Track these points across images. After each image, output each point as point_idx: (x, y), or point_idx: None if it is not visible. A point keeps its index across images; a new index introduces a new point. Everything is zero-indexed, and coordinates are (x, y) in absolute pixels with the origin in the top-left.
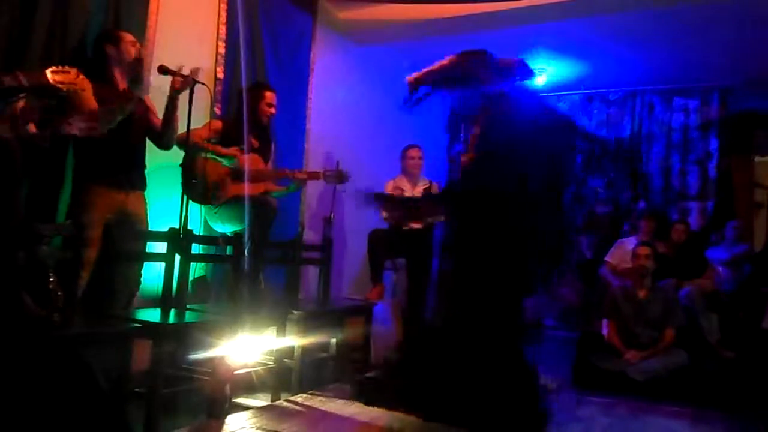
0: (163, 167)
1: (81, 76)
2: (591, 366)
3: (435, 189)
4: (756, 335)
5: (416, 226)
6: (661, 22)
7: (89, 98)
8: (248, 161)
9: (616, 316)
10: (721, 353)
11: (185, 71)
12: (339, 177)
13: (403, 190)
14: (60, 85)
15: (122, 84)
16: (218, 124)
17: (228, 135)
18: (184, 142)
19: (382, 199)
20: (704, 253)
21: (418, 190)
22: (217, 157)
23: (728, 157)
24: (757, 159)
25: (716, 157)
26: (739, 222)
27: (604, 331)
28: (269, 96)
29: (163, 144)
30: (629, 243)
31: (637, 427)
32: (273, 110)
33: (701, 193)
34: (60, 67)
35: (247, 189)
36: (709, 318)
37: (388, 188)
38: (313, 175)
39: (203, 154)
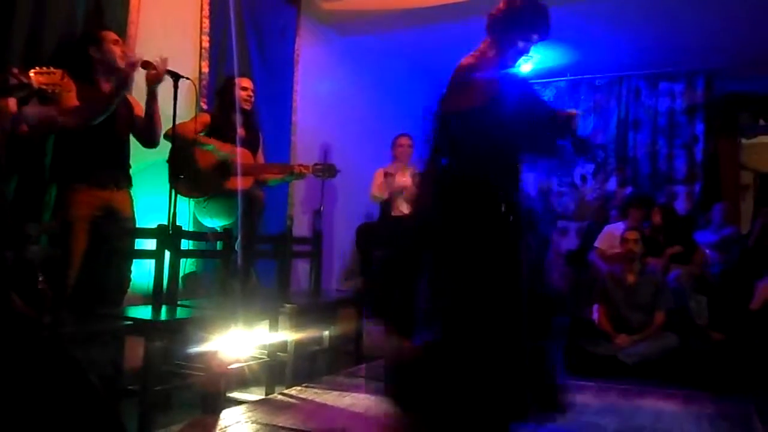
0: (150, 163)
1: (66, 78)
2: (582, 351)
3: None
4: (744, 317)
5: (406, 211)
6: (645, 6)
7: (73, 100)
8: (239, 155)
9: (606, 301)
10: (710, 335)
11: (157, 64)
12: (329, 171)
13: (393, 176)
14: (44, 87)
15: (106, 84)
16: (206, 117)
17: (216, 128)
18: (174, 136)
19: None
20: (692, 235)
21: (408, 178)
22: (218, 152)
23: (714, 140)
24: (743, 141)
25: (702, 140)
26: (725, 204)
27: (595, 316)
28: (240, 81)
29: (148, 141)
30: (618, 229)
31: (628, 410)
32: (249, 94)
33: (688, 177)
34: (44, 68)
35: (239, 183)
36: (698, 300)
37: (379, 175)
38: (303, 168)
39: (203, 147)
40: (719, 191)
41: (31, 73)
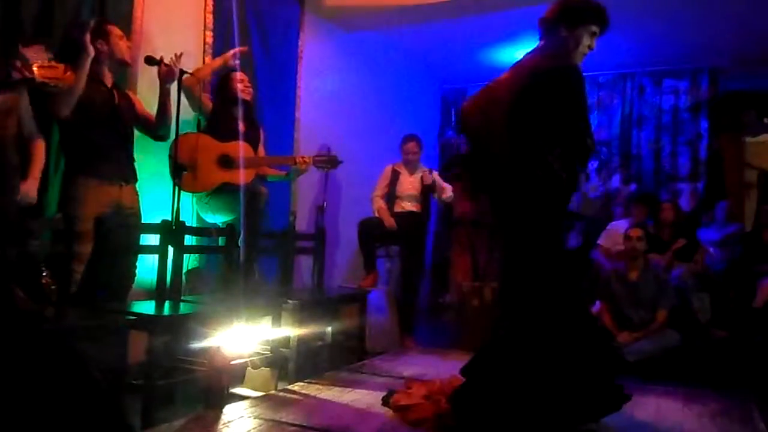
0: (153, 159)
1: (69, 72)
2: None
3: (434, 176)
4: (747, 314)
5: (412, 209)
6: (650, 3)
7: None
8: (239, 149)
9: (608, 298)
10: (713, 333)
11: (167, 61)
12: (330, 162)
13: (399, 173)
14: (47, 80)
15: (110, 79)
16: (208, 103)
17: (216, 122)
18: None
19: None
20: (696, 233)
21: (416, 178)
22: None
23: (718, 137)
24: (747, 139)
25: (706, 138)
26: (729, 202)
27: (597, 313)
28: (236, 75)
29: (159, 135)
30: (621, 226)
31: (629, 407)
32: (245, 86)
33: (692, 175)
34: (47, 62)
35: (241, 177)
36: (701, 298)
37: (386, 171)
38: (304, 161)
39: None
40: (723, 189)
41: (34, 67)
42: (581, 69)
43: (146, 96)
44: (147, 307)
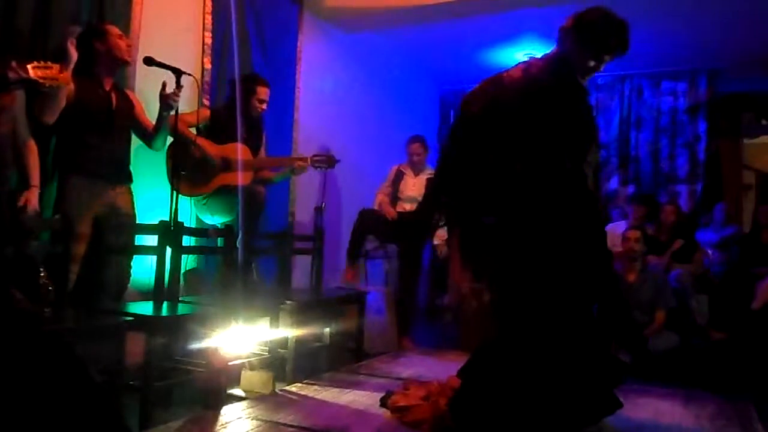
0: (153, 159)
1: (64, 72)
2: None
3: None
4: (745, 316)
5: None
6: (647, 5)
7: (71, 93)
8: (237, 151)
9: None
10: (711, 335)
11: (169, 88)
12: (328, 161)
13: (404, 174)
14: (42, 80)
15: (108, 81)
16: (206, 112)
17: (217, 126)
18: (173, 130)
19: None
20: (694, 235)
21: (420, 180)
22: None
23: (717, 139)
24: (746, 141)
25: (705, 139)
26: (727, 204)
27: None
28: (261, 91)
29: (154, 146)
30: (619, 227)
31: (628, 408)
32: (264, 106)
33: (690, 176)
34: (42, 62)
35: (238, 179)
36: (699, 300)
37: (392, 172)
38: (302, 161)
39: (191, 146)
40: (721, 190)
41: (29, 67)
42: (584, 85)
43: (144, 94)
44: (145, 308)
